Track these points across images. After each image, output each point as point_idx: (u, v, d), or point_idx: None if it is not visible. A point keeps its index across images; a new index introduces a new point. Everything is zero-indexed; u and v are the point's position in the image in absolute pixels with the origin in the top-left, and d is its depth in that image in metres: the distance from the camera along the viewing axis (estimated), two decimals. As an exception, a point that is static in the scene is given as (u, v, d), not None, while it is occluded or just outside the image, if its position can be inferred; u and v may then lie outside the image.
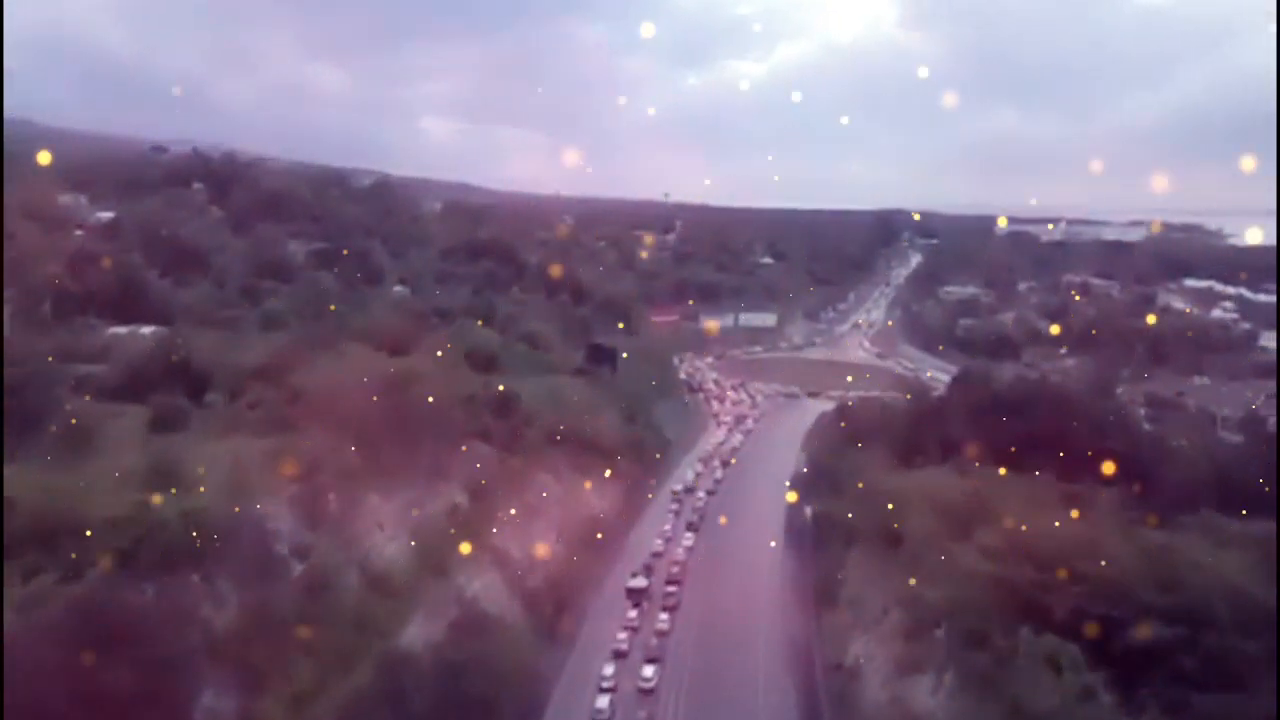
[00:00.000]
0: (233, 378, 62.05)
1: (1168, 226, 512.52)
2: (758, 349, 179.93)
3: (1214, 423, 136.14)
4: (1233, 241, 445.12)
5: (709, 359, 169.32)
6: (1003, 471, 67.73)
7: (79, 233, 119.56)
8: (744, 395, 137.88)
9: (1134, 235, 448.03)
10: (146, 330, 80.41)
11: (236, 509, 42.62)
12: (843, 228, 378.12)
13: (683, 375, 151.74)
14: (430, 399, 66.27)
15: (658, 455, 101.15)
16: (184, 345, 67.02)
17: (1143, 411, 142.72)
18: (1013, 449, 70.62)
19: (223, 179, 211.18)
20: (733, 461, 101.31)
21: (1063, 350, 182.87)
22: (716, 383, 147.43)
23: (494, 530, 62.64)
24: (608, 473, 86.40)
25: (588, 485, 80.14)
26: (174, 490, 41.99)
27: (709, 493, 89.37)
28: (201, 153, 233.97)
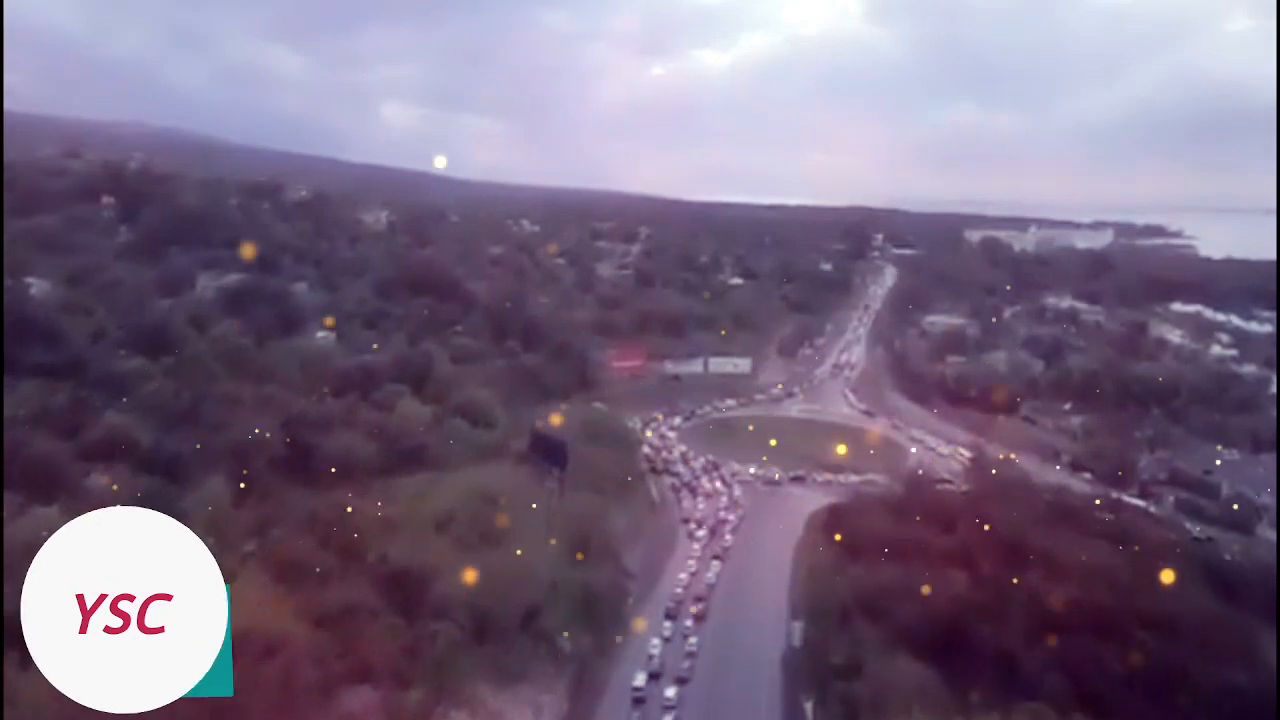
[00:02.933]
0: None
1: (1131, 229, 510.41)
2: (730, 403, 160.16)
3: (1258, 516, 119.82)
4: (1204, 252, 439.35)
5: (677, 420, 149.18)
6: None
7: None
8: (718, 483, 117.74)
9: (1102, 240, 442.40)
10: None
11: None
12: (810, 230, 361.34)
13: (647, 449, 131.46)
14: (285, 651, 45.05)
15: (614, 605, 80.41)
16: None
17: (1172, 499, 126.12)
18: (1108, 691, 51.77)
19: (136, 194, 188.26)
20: (707, 615, 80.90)
21: (1066, 406, 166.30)
22: (685, 460, 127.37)
23: None
24: (547, 666, 65.99)
25: (517, 709, 59.29)
26: None
27: (679, 681, 68.87)
28: (114, 165, 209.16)
